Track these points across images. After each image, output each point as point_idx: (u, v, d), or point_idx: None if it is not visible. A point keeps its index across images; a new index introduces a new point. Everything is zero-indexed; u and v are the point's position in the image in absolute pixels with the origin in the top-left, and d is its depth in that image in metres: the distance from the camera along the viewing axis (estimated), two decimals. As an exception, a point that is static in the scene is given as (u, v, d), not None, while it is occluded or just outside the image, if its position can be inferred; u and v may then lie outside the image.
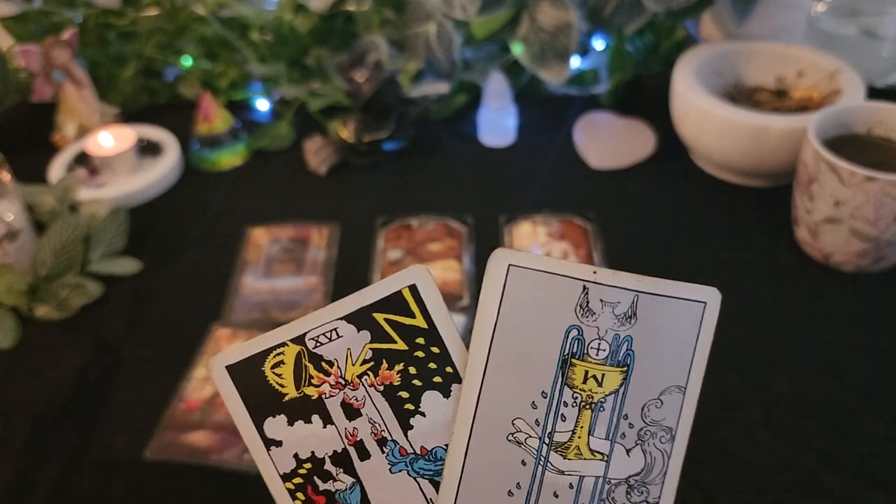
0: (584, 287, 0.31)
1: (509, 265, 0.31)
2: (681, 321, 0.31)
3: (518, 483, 0.32)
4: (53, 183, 0.78)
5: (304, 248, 0.71)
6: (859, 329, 0.59)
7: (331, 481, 0.32)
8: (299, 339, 0.32)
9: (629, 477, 0.31)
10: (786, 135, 0.68)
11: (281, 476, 0.32)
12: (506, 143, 0.84)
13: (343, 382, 0.32)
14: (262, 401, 0.32)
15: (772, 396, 0.55)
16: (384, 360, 0.32)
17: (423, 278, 0.32)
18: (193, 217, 0.77)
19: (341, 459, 0.32)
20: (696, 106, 0.72)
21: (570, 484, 0.31)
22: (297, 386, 0.32)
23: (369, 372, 0.32)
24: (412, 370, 0.32)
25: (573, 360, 0.31)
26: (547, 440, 0.31)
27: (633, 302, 0.31)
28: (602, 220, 0.72)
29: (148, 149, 0.83)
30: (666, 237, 0.70)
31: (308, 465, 0.32)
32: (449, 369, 0.32)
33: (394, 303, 0.32)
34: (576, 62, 0.88)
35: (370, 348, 0.32)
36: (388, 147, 0.82)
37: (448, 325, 0.32)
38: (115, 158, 0.79)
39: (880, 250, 0.61)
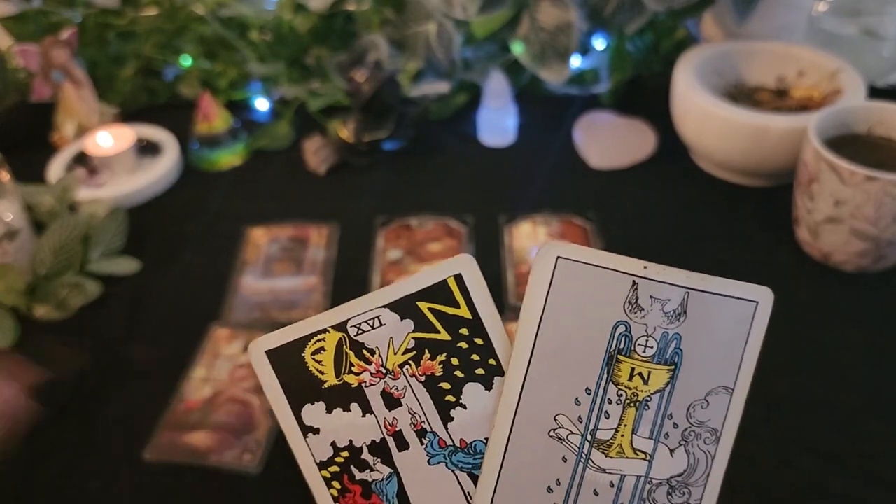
0: (634, 282, 0.31)
1: (557, 257, 0.31)
2: (731, 320, 0.30)
3: (558, 479, 0.31)
4: (52, 183, 0.77)
5: (303, 248, 0.71)
6: (859, 329, 0.59)
7: (368, 471, 0.32)
8: (341, 326, 0.31)
9: (671, 478, 0.31)
10: (786, 134, 0.68)
11: (317, 464, 0.32)
12: (506, 142, 0.84)
13: (384, 371, 0.32)
14: (300, 387, 0.31)
15: (772, 396, 0.54)
16: (426, 350, 0.31)
17: (469, 268, 0.31)
18: (193, 217, 0.77)
19: (379, 449, 0.32)
20: (696, 106, 0.72)
21: (611, 482, 0.31)
22: (338, 373, 0.32)
23: (411, 362, 0.32)
24: (454, 361, 0.31)
25: (619, 356, 0.31)
26: (589, 437, 0.31)
27: (683, 299, 0.30)
28: (602, 220, 0.71)
29: (147, 148, 0.83)
30: (666, 237, 0.70)
31: (345, 454, 0.32)
32: (492, 361, 0.32)
33: (438, 292, 0.31)
34: (576, 62, 0.88)
35: (413, 338, 0.31)
36: (388, 147, 0.82)
37: (493, 316, 0.31)
38: (114, 158, 0.79)
39: (880, 250, 0.61)
